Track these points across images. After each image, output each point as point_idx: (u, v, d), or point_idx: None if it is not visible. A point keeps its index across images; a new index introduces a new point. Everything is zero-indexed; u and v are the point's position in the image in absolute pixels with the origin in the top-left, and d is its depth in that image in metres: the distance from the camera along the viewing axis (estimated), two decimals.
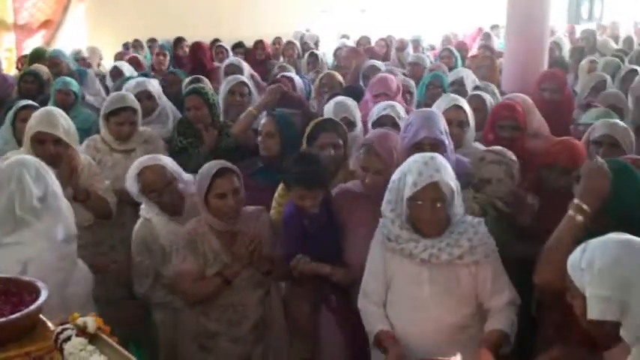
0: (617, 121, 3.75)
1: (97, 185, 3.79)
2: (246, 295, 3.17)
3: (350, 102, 4.34)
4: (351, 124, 4.13)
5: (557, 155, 3.22)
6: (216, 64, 7.69)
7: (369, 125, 4.15)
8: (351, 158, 3.72)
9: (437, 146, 3.25)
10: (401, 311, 2.80)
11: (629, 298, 1.77)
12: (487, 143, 3.84)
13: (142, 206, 3.49)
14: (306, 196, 3.05)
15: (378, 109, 4.13)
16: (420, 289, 2.74)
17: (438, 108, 3.93)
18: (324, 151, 3.45)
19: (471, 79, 5.63)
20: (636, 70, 6.12)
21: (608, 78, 5.93)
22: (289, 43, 9.30)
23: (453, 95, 4.15)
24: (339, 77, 5.90)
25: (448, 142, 3.37)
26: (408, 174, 2.68)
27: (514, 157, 3.33)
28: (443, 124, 3.39)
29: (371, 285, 2.88)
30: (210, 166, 3.13)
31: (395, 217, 2.77)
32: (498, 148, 3.46)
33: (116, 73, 6.66)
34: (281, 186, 3.46)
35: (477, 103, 4.41)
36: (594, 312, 1.82)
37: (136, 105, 4.28)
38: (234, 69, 6.03)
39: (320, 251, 3.09)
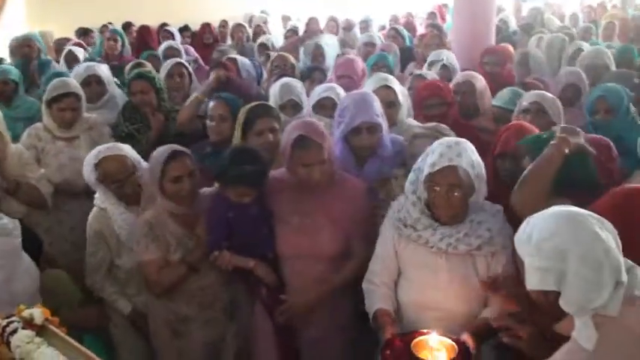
0: (546, 92, 3.83)
1: (29, 175, 3.70)
2: (214, 277, 3.14)
3: (296, 83, 4.29)
4: (298, 106, 4.08)
5: (507, 142, 3.13)
6: None
7: (309, 106, 4.11)
8: None
9: (374, 129, 3.19)
10: (413, 297, 2.75)
11: (565, 268, 1.81)
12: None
13: (97, 195, 3.38)
14: (245, 194, 2.97)
15: (318, 92, 4.09)
16: (435, 276, 2.68)
17: (369, 88, 3.93)
18: (262, 137, 3.38)
19: (451, 58, 5.64)
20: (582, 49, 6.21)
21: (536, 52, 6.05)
22: (238, 25, 9.16)
23: (382, 75, 4.12)
24: (292, 59, 5.86)
25: (384, 123, 3.30)
26: (430, 154, 2.62)
27: (447, 131, 3.37)
28: (378, 106, 3.30)
29: (378, 268, 2.83)
30: (162, 151, 3.08)
31: (416, 199, 2.71)
32: (431, 123, 3.48)
33: (71, 58, 6.45)
34: None
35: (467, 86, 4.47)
36: (532, 282, 1.88)
37: (79, 91, 4.19)
38: (173, 52, 5.95)
39: (247, 245, 3.03)
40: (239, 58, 5.98)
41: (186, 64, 5.09)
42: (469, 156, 2.59)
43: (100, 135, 4.16)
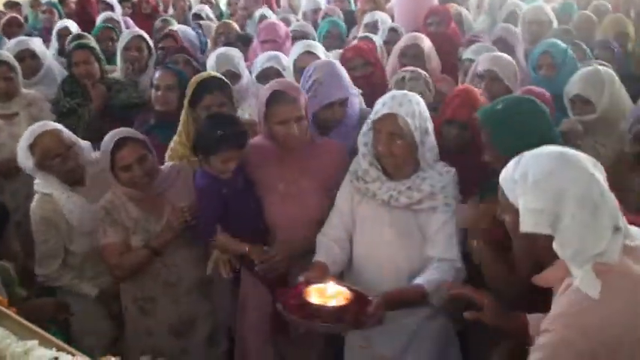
0: (501, 55, 3.80)
1: None
2: (178, 255, 3.09)
3: (234, 52, 4.21)
4: (236, 76, 3.99)
5: (456, 109, 3.08)
6: None
7: (253, 77, 4.07)
8: (240, 110, 3.66)
9: (344, 102, 3.20)
10: (363, 252, 2.79)
11: (560, 210, 1.71)
12: None
13: (37, 181, 3.24)
14: (230, 158, 2.88)
15: (261, 61, 4.03)
16: (380, 231, 2.72)
17: (293, 54, 3.93)
18: (209, 111, 3.27)
19: (385, 21, 5.64)
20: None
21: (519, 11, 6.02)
22: None
23: (306, 41, 4.11)
24: (236, 26, 5.78)
25: (354, 91, 3.32)
26: (378, 103, 2.67)
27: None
28: (347, 77, 3.31)
29: (332, 220, 2.86)
30: (109, 140, 2.99)
31: (367, 151, 2.74)
32: (410, 67, 3.55)
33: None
34: (176, 139, 3.35)
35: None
36: (527, 224, 1.76)
37: (12, 60, 4.06)
38: (113, 25, 5.78)
39: (240, 219, 2.97)
40: (181, 28, 5.87)
41: (147, 37, 4.95)
42: (412, 107, 2.61)
43: (40, 111, 4.05)
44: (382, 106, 2.64)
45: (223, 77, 3.48)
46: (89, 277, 3.30)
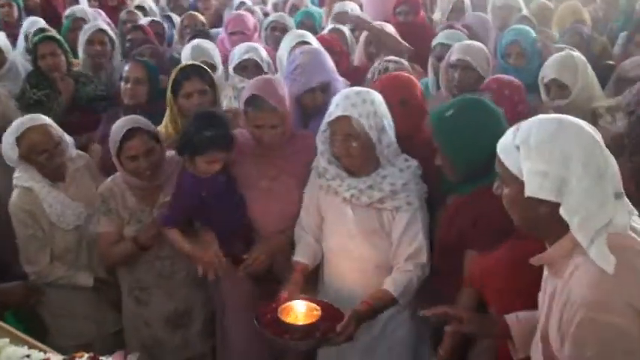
0: (474, 43, 3.79)
1: None
2: (171, 247, 3.03)
3: (208, 44, 4.21)
4: (212, 67, 3.89)
5: (393, 95, 2.90)
6: None
7: (230, 69, 4.04)
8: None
9: (326, 87, 3.20)
10: (331, 244, 2.81)
11: (567, 174, 1.63)
12: None
13: (16, 175, 3.15)
14: (216, 160, 2.82)
15: (239, 53, 3.99)
16: (345, 226, 2.73)
17: (285, 47, 3.92)
18: (190, 99, 3.28)
19: (354, 10, 5.62)
20: None
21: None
22: None
23: (298, 32, 4.09)
24: (201, 17, 5.72)
25: (337, 80, 3.32)
26: (333, 103, 2.64)
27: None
28: (331, 63, 3.32)
29: (304, 217, 2.88)
30: (120, 127, 2.96)
31: (325, 149, 2.73)
32: (393, 57, 3.59)
33: None
34: (162, 130, 3.30)
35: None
36: (533, 187, 1.66)
37: None
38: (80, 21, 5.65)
39: (223, 217, 2.94)
40: (146, 20, 5.80)
41: (109, 30, 4.86)
42: (366, 107, 2.58)
43: (5, 108, 3.92)
44: (336, 107, 2.61)
45: (203, 65, 3.44)
46: (83, 265, 3.24)
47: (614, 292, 1.57)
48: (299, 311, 2.42)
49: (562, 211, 1.63)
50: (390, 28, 4.45)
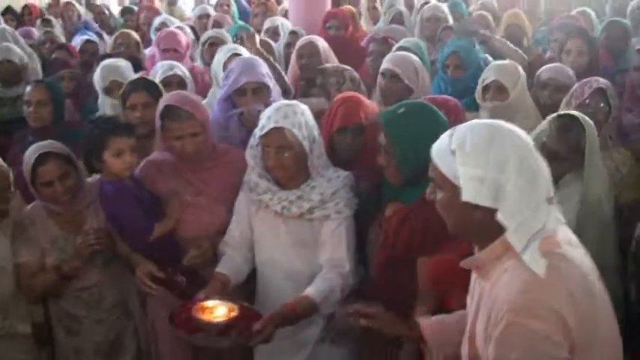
0: (405, 54, 3.85)
1: None
2: (95, 276, 2.98)
3: (120, 62, 4.13)
4: (121, 86, 3.78)
5: (348, 116, 2.92)
6: None
7: None
8: None
9: (259, 90, 3.21)
10: (264, 259, 2.81)
11: (503, 179, 1.63)
12: None
13: None
14: (123, 149, 2.82)
15: (162, 70, 3.91)
16: (277, 240, 2.74)
17: (218, 61, 3.93)
18: (133, 111, 3.29)
19: (285, 26, 5.68)
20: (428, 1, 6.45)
21: (405, 10, 6.28)
22: (67, 4, 8.69)
23: (231, 45, 4.10)
24: (135, 36, 5.61)
25: (273, 85, 3.34)
26: (264, 117, 2.65)
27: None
28: (265, 68, 3.34)
29: (232, 230, 2.85)
30: (31, 154, 2.86)
31: (254, 164, 2.73)
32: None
33: None
34: None
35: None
36: (469, 192, 1.66)
37: None
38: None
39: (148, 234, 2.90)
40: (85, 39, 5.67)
41: (19, 51, 4.71)
42: (298, 118, 2.61)
43: None
44: (268, 120, 2.61)
45: (153, 80, 3.49)
46: (21, 315, 3.03)
47: (541, 298, 1.59)
48: (216, 311, 2.40)
49: (499, 217, 1.64)
50: (322, 42, 4.52)
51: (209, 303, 2.44)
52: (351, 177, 2.75)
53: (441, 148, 1.74)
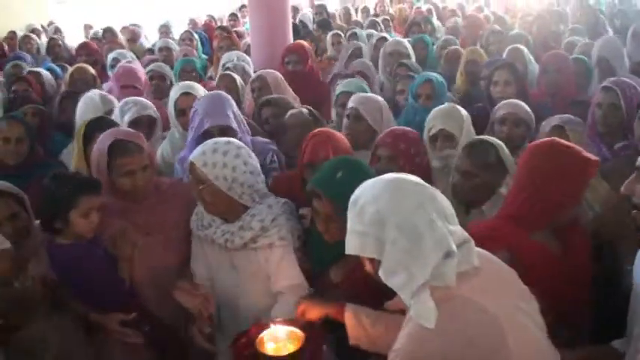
0: (368, 95, 3.90)
1: None
2: (41, 327, 2.69)
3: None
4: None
5: (315, 153, 2.95)
6: None
7: (123, 121, 3.82)
8: None
9: (225, 131, 3.17)
10: (217, 293, 2.73)
11: (383, 236, 1.70)
12: None
13: None
14: (92, 208, 2.60)
15: (136, 108, 3.75)
16: (226, 274, 2.70)
17: (170, 99, 3.90)
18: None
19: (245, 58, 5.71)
20: (385, 37, 6.67)
21: (364, 46, 6.42)
22: (26, 37, 8.71)
23: (183, 83, 4.09)
24: (92, 70, 5.54)
25: (239, 125, 3.32)
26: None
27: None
28: (230, 108, 3.30)
29: (194, 267, 2.80)
30: None
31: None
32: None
33: None
34: None
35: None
36: (350, 246, 1.77)
37: None
38: None
39: (106, 286, 2.66)
40: (43, 72, 5.68)
41: None
42: (217, 156, 2.56)
43: None
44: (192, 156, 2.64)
45: (113, 120, 3.46)
46: None
47: (429, 345, 1.66)
48: (279, 338, 2.24)
49: (380, 272, 1.72)
50: (272, 75, 4.53)
51: (272, 330, 2.27)
52: (290, 204, 2.73)
53: (352, 200, 1.83)
